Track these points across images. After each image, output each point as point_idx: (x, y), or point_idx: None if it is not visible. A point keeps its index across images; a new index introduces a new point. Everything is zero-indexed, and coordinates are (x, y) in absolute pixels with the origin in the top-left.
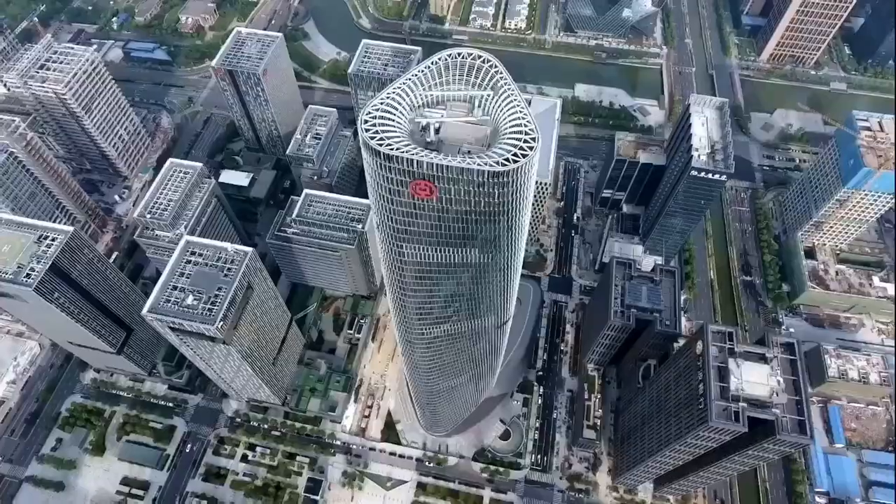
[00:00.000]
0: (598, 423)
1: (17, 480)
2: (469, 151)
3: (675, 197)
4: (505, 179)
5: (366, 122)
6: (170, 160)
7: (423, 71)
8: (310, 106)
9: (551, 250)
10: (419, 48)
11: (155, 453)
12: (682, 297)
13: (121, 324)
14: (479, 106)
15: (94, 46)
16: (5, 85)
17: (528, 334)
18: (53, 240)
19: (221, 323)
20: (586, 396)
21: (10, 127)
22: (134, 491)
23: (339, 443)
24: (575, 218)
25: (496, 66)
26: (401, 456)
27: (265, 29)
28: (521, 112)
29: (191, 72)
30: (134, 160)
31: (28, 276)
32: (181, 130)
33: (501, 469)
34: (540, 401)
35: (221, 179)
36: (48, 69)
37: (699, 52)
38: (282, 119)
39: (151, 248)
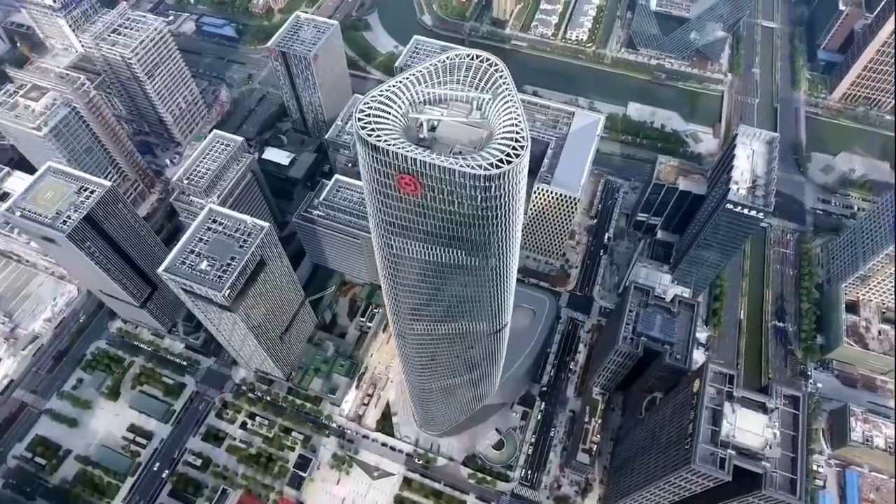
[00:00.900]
0: (595, 449)
1: (38, 411)
2: (460, 152)
3: (708, 228)
4: (487, 184)
5: (361, 111)
6: (214, 131)
7: (427, 68)
8: (355, 94)
9: (576, 267)
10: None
11: (163, 407)
12: (706, 335)
13: (146, 280)
14: (478, 108)
15: (171, 17)
16: (82, 45)
17: (537, 347)
18: (92, 192)
19: (229, 291)
20: (586, 419)
21: (76, 84)
22: (138, 439)
23: (334, 425)
24: (606, 238)
25: (501, 71)
26: (392, 448)
27: (331, 16)
28: (516, 118)
29: (254, 50)
30: (189, 128)
31: (64, 222)
32: (237, 105)
33: (489, 478)
34: (539, 416)
35: (264, 156)
36: (119, 34)
37: (766, 83)
38: (328, 104)
39: (185, 213)
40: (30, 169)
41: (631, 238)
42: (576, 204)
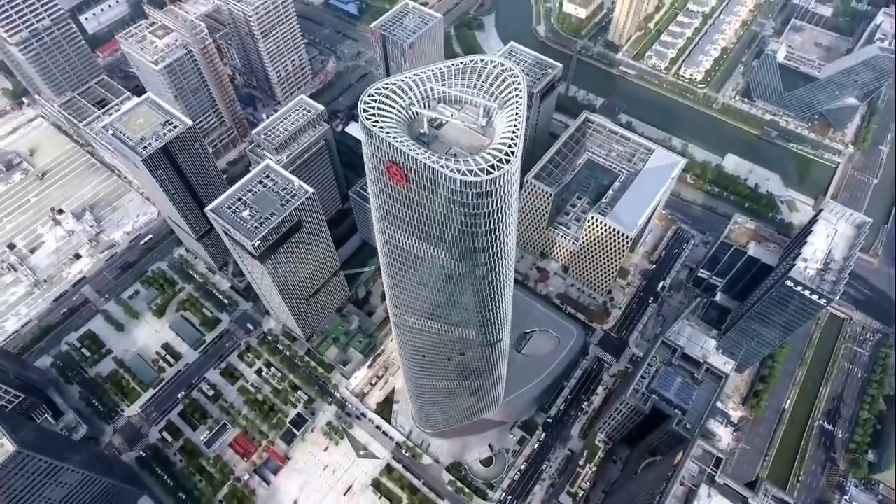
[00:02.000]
0: (581, 495)
1: (96, 310)
2: (455, 155)
3: (764, 302)
4: (465, 189)
5: (370, 95)
6: (300, 96)
7: (448, 67)
8: None
9: (619, 308)
10: (560, 65)
11: (196, 335)
12: (739, 414)
13: (206, 217)
14: (485, 115)
15: None
16: None
17: (553, 376)
18: (175, 127)
19: (259, 242)
20: (580, 463)
21: (195, 30)
22: (168, 357)
23: (338, 395)
24: (660, 286)
25: (519, 83)
26: (384, 433)
27: (449, 10)
28: (513, 132)
29: (368, 30)
30: (291, 90)
31: (144, 148)
32: (339, 78)
33: (468, 490)
34: (537, 445)
35: (347, 129)
36: None
37: (891, 164)
38: None
39: (255, 165)
40: None
41: (688, 293)
42: (628, 242)
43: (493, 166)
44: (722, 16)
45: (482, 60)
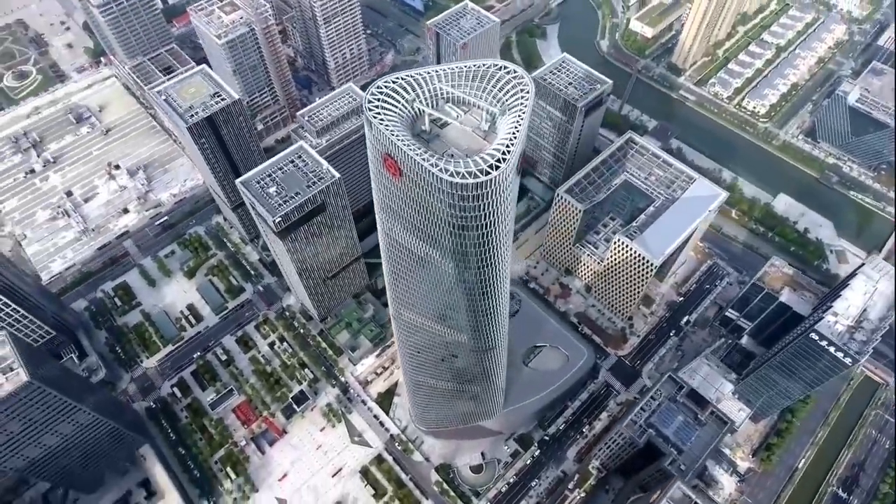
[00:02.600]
0: None
1: (133, 263)
2: (452, 155)
3: (787, 351)
4: (451, 190)
5: (378, 87)
6: (349, 84)
7: (460, 68)
8: None
9: (638, 336)
10: (610, 81)
11: (220, 300)
12: (747, 465)
13: None
14: (488, 120)
15: None
16: None
17: (556, 394)
18: (223, 99)
19: (280, 219)
20: (570, 486)
21: (260, 9)
22: (190, 318)
23: (343, 379)
24: (685, 320)
25: (526, 92)
26: (381, 423)
27: (514, 16)
28: (510, 139)
29: None
30: (346, 77)
31: (191, 116)
32: (395, 71)
33: (453, 493)
34: (530, 461)
35: None
36: None
37: None
38: None
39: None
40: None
41: (712, 332)
42: (653, 269)
43: (482, 170)
44: (798, 50)
45: (494, 65)
